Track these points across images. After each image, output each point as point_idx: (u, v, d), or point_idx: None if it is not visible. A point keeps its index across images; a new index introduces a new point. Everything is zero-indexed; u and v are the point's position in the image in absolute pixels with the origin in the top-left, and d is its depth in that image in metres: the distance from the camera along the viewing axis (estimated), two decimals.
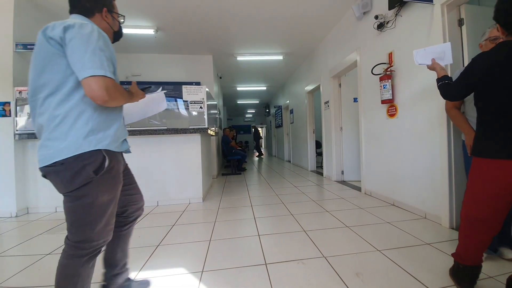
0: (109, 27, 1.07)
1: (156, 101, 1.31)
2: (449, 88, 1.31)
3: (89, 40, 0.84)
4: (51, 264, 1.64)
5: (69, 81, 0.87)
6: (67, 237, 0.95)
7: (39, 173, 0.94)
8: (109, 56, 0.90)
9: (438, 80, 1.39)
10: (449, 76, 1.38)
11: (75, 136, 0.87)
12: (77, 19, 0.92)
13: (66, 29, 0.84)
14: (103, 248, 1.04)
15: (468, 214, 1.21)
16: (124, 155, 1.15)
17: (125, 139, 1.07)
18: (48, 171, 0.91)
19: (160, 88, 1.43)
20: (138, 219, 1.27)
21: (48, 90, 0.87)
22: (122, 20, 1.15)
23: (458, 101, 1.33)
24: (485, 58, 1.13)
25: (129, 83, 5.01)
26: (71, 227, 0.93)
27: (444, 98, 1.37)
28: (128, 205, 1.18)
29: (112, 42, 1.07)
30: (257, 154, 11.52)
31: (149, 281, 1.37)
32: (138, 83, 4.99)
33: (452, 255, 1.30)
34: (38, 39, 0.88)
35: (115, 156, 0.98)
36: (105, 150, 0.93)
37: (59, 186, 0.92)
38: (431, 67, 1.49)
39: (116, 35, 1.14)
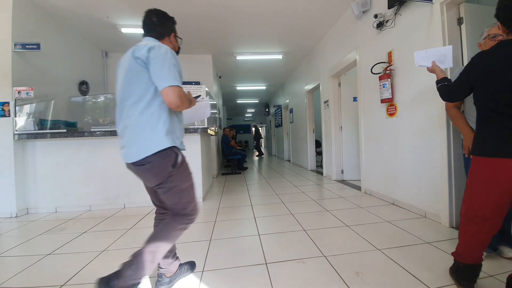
0: (173, 47, 1.30)
1: (202, 108, 1.51)
2: (448, 90, 1.31)
3: (166, 58, 1.07)
4: (51, 264, 1.65)
5: (149, 91, 1.08)
6: (174, 209, 1.18)
7: (39, 173, 0.99)
8: (179, 70, 1.12)
9: (438, 82, 1.39)
10: (449, 78, 1.38)
11: (157, 136, 1.08)
12: (151, 41, 1.17)
13: (149, 50, 1.06)
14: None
15: (467, 213, 1.21)
16: None
17: (182, 141, 1.26)
18: (138, 169, 1.11)
19: (208, 97, 1.69)
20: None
21: (133, 99, 1.08)
22: (181, 41, 1.40)
23: (458, 101, 1.34)
24: (483, 57, 1.13)
25: None
26: (175, 206, 1.17)
27: (444, 99, 1.38)
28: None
29: None
30: (257, 153, 11.52)
31: (194, 262, 1.52)
32: None
33: (452, 254, 1.30)
34: (127, 58, 1.12)
35: (182, 152, 1.19)
36: (176, 147, 1.15)
37: (150, 181, 1.15)
38: (431, 70, 1.48)
39: (176, 53, 1.32)
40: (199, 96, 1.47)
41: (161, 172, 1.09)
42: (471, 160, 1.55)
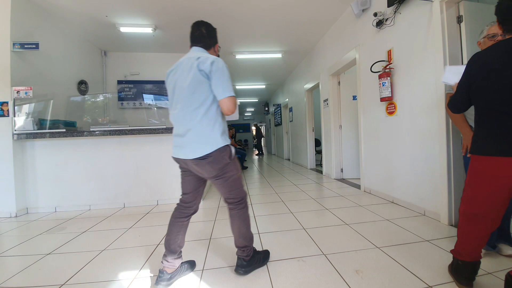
0: (215, 56, 1.42)
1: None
2: (453, 100, 1.30)
3: (224, 72, 1.26)
4: (51, 264, 1.65)
5: (209, 99, 1.27)
6: (227, 200, 1.41)
7: (38, 173, 1.01)
8: (231, 81, 1.30)
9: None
10: None
11: (215, 136, 1.28)
12: (201, 52, 1.36)
13: (212, 64, 1.24)
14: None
15: (466, 210, 1.21)
16: (124, 153, 1.32)
17: None
18: (200, 163, 1.27)
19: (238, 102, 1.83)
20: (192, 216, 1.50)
21: (196, 105, 1.26)
22: (219, 49, 1.54)
23: (465, 110, 1.32)
24: (480, 57, 1.13)
25: (128, 82, 5.00)
26: (230, 194, 1.38)
27: (452, 111, 1.35)
28: (196, 199, 1.46)
29: None
30: (257, 152, 11.52)
31: (194, 261, 1.58)
32: (138, 82, 4.96)
33: (451, 251, 1.31)
34: (192, 69, 1.26)
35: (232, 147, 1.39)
36: (229, 144, 1.35)
37: (210, 172, 1.31)
38: (454, 88, 1.40)
39: None
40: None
41: (220, 164, 1.30)
42: (470, 158, 1.57)
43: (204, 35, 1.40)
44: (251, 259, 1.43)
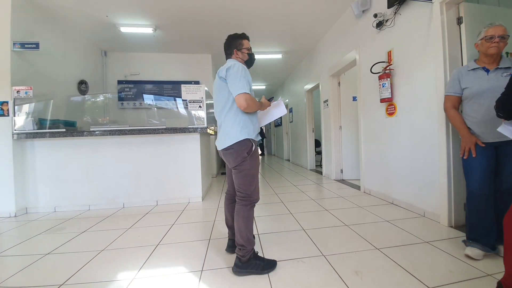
0: (240, 59, 1.62)
1: (277, 107, 1.76)
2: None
3: (237, 73, 1.42)
4: (51, 264, 1.65)
5: (230, 99, 1.47)
6: (239, 195, 1.51)
7: (38, 173, 1.07)
8: (248, 80, 1.46)
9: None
10: None
11: (235, 130, 1.45)
12: (228, 62, 1.55)
13: (227, 70, 1.45)
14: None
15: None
16: (124, 154, 1.34)
17: (257, 134, 1.57)
18: (225, 153, 1.49)
19: (280, 98, 2.15)
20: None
21: (221, 105, 1.51)
22: (248, 51, 1.66)
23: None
24: None
25: (128, 82, 5.00)
26: (239, 187, 1.50)
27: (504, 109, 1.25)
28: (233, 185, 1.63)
29: (248, 67, 1.63)
30: (260, 152, 11.53)
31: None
32: (138, 82, 4.96)
33: (502, 282, 1.12)
34: (216, 77, 1.54)
35: (256, 144, 1.53)
36: (251, 139, 1.48)
37: (230, 162, 1.49)
38: None
39: (248, 62, 1.66)
40: (272, 98, 1.79)
41: (239, 157, 1.45)
42: (468, 160, 1.57)
43: (225, 48, 1.65)
44: (247, 262, 1.44)
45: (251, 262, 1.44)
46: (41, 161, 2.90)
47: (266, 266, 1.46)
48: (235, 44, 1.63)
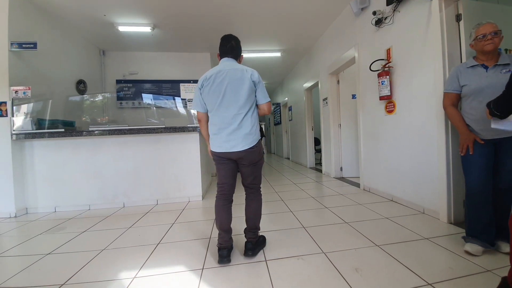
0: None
1: None
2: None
3: (262, 82, 1.60)
4: (51, 264, 1.65)
5: (254, 103, 1.60)
6: (249, 185, 1.68)
7: (38, 173, 1.05)
8: None
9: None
10: None
11: (257, 131, 1.60)
12: (232, 62, 1.62)
13: (258, 76, 1.58)
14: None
15: None
16: (123, 153, 1.37)
17: None
18: (249, 151, 1.56)
19: None
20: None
21: (247, 108, 1.56)
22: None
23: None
24: None
25: (127, 81, 4.99)
26: (255, 180, 1.66)
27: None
28: (234, 186, 1.74)
29: None
30: None
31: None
32: (136, 81, 4.95)
33: (508, 278, 1.05)
34: (245, 79, 1.54)
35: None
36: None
37: (253, 159, 1.60)
38: None
39: None
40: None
41: (260, 153, 1.63)
42: (467, 157, 1.57)
43: (234, 47, 1.64)
44: (257, 241, 1.66)
45: (257, 240, 1.67)
46: (41, 161, 2.89)
47: (264, 239, 1.79)
48: (241, 49, 1.72)
